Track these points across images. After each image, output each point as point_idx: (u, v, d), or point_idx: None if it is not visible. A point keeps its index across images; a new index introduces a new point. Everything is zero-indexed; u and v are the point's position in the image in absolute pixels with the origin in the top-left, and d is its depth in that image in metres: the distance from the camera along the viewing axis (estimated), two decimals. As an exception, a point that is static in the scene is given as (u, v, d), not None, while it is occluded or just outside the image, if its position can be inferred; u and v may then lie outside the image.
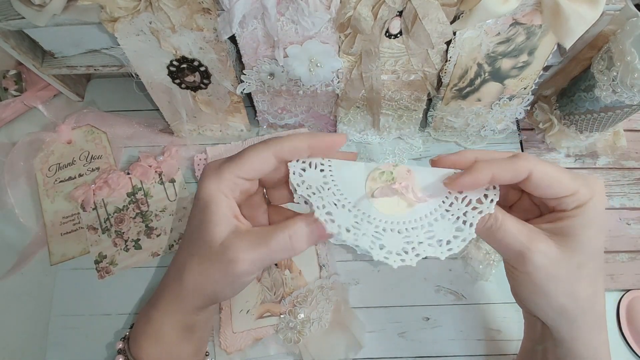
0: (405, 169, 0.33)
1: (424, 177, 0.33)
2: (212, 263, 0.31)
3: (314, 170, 0.33)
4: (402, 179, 0.32)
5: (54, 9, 0.43)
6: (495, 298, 0.51)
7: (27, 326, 0.52)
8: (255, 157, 0.31)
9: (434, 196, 0.32)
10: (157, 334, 0.34)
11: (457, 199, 0.32)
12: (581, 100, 0.51)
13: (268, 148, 0.32)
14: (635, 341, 0.49)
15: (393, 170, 0.33)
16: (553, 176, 0.30)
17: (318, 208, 0.31)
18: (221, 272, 0.31)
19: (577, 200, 0.30)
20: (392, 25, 0.42)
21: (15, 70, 0.61)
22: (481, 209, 0.31)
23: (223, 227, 0.31)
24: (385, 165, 0.33)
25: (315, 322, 0.49)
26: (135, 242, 0.54)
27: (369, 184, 0.33)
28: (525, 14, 0.41)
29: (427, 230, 0.32)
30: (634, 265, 0.53)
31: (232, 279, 0.31)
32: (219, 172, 0.31)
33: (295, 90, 0.51)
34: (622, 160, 0.59)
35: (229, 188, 0.31)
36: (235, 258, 0.30)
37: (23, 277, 0.54)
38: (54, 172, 0.58)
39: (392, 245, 0.31)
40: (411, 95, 0.52)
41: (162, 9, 0.41)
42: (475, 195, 0.32)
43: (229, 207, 0.31)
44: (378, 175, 0.33)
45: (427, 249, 0.31)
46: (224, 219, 0.31)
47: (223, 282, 0.32)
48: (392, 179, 0.33)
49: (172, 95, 0.52)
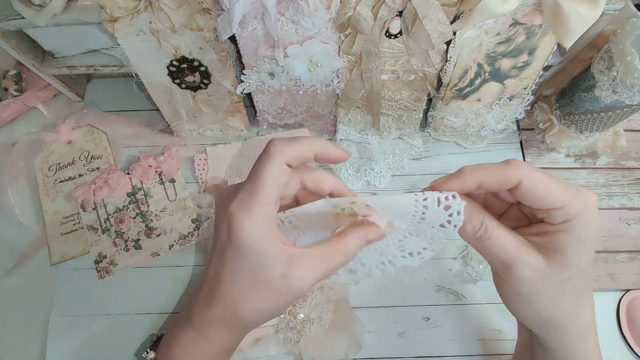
0: (364, 204, 0.32)
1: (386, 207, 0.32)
2: (276, 294, 0.31)
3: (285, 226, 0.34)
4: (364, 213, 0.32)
5: (54, 9, 0.43)
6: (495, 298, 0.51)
7: (27, 326, 0.52)
8: (274, 176, 0.30)
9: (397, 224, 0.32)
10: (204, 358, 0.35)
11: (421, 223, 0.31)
12: (581, 100, 0.51)
13: (279, 159, 0.30)
14: (635, 341, 0.49)
15: (352, 206, 0.32)
16: (543, 186, 0.29)
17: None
18: (287, 299, 0.31)
19: (565, 215, 0.29)
20: (392, 25, 0.42)
21: (15, 70, 0.61)
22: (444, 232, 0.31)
23: (277, 262, 0.30)
24: (342, 202, 0.32)
25: (315, 322, 0.49)
26: (135, 242, 0.54)
27: (335, 219, 0.33)
28: (525, 14, 0.41)
29: (399, 247, 0.34)
30: (634, 265, 0.53)
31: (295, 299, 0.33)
32: (250, 210, 0.30)
33: (295, 90, 0.51)
34: (622, 160, 0.59)
35: (267, 222, 0.30)
36: (301, 286, 0.31)
37: (23, 277, 0.54)
38: (54, 172, 0.58)
39: (371, 262, 0.34)
40: (411, 95, 0.52)
41: (162, 9, 0.41)
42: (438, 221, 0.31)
43: (275, 241, 0.30)
44: (340, 211, 0.33)
45: (401, 261, 0.34)
46: (276, 255, 0.30)
47: (287, 305, 0.33)
48: (354, 213, 0.33)
49: (172, 95, 0.52)
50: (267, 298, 0.31)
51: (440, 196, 0.30)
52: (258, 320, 0.33)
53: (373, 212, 0.32)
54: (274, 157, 0.30)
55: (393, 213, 0.32)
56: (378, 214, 0.32)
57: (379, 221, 0.32)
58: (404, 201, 0.31)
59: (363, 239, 0.32)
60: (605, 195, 0.57)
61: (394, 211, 0.32)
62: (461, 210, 0.30)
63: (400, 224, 0.32)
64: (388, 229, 0.33)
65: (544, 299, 0.30)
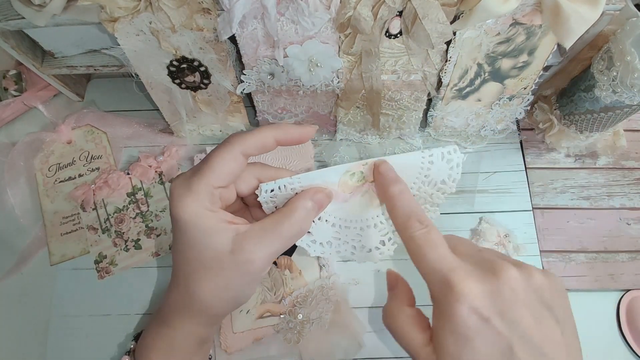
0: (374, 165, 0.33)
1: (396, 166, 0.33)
2: (227, 272, 0.30)
3: (283, 192, 0.32)
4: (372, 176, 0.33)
5: (54, 9, 0.42)
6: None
7: (27, 326, 0.52)
8: (223, 161, 0.30)
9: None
10: (169, 349, 0.34)
11: (424, 183, 0.33)
12: (581, 100, 0.51)
13: (233, 147, 0.30)
14: (635, 341, 0.49)
15: (362, 169, 0.33)
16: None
17: None
18: (240, 277, 0.30)
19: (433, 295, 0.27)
20: (392, 25, 0.42)
21: (15, 70, 0.61)
22: (444, 189, 0.33)
23: (223, 238, 0.30)
24: (354, 166, 0.32)
25: (315, 322, 0.49)
26: (135, 242, 0.54)
27: (341, 189, 0.33)
28: (525, 14, 0.41)
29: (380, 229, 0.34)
30: (634, 265, 0.53)
31: (251, 278, 0.31)
32: (192, 187, 0.30)
33: (295, 90, 0.51)
34: (622, 160, 0.59)
35: (210, 201, 0.30)
36: (252, 258, 0.30)
37: (23, 277, 0.54)
38: (54, 172, 0.58)
39: (371, 242, 0.34)
40: (411, 95, 0.52)
41: (162, 9, 0.41)
42: (439, 177, 0.33)
43: (219, 220, 0.30)
44: (349, 177, 0.33)
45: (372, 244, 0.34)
46: (221, 232, 0.30)
47: (243, 284, 0.31)
48: (363, 179, 0.33)
49: (172, 95, 0.52)
50: (219, 277, 0.30)
51: (443, 151, 0.32)
52: (217, 304, 0.32)
53: None
54: (228, 145, 0.30)
55: (400, 173, 0.32)
56: None
57: None
58: (412, 158, 0.33)
59: (311, 202, 0.31)
60: (605, 195, 0.57)
61: (402, 170, 0.32)
62: (460, 163, 0.32)
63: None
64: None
65: None
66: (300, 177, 0.32)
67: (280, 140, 0.31)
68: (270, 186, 0.32)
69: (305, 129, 0.32)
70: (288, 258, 0.52)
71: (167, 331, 0.34)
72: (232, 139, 0.31)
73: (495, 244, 0.51)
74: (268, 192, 0.32)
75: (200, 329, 0.34)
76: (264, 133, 0.31)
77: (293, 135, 0.32)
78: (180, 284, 0.32)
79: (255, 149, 0.31)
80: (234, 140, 0.30)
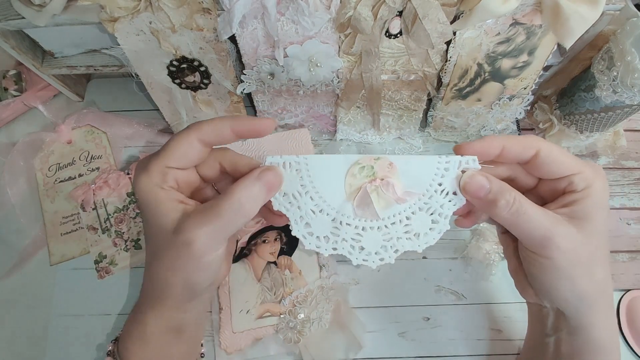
0: (387, 162, 0.32)
1: (407, 168, 0.32)
2: (171, 252, 0.30)
3: (288, 172, 0.32)
4: (383, 174, 0.32)
5: (54, 9, 0.42)
6: (495, 298, 0.51)
7: (27, 326, 0.52)
8: (178, 144, 0.31)
9: (414, 191, 0.32)
10: (143, 335, 0.34)
11: (437, 191, 0.32)
12: (581, 100, 0.51)
13: (189, 134, 0.31)
14: (635, 341, 0.49)
15: (374, 164, 0.32)
16: (559, 154, 0.31)
17: (296, 223, 0.32)
18: (183, 258, 0.30)
19: (585, 180, 0.31)
20: (392, 25, 0.42)
21: (15, 70, 0.61)
22: (455, 201, 0.32)
23: (171, 215, 0.30)
24: (365, 159, 0.32)
25: (315, 322, 0.49)
26: (135, 242, 0.54)
27: (348, 180, 0.32)
28: (525, 14, 0.41)
29: (405, 224, 0.32)
30: (634, 265, 0.53)
31: (196, 262, 0.30)
32: (147, 167, 0.31)
33: (295, 90, 0.51)
34: (622, 160, 0.59)
35: (161, 180, 0.31)
36: (190, 238, 0.29)
37: (23, 277, 0.54)
38: (54, 172, 0.58)
39: (372, 246, 0.32)
40: (411, 95, 0.52)
41: (162, 9, 0.41)
42: (453, 187, 0.32)
43: (168, 197, 0.30)
44: (358, 170, 0.32)
45: (405, 244, 0.32)
46: (168, 208, 0.30)
47: (189, 268, 0.30)
48: (373, 175, 0.32)
49: (172, 95, 0.52)
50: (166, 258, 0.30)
51: (462, 159, 0.31)
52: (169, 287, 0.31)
53: (393, 174, 0.32)
54: (186, 130, 0.31)
55: (413, 176, 0.32)
56: (397, 177, 0.32)
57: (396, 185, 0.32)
58: (427, 161, 0.32)
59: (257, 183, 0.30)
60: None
61: (415, 173, 0.32)
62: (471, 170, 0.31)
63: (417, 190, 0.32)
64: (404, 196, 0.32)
65: (581, 270, 0.31)
66: (307, 158, 0.31)
67: (236, 130, 0.31)
68: (275, 160, 0.31)
69: (263, 121, 0.32)
70: (288, 258, 0.52)
71: (140, 317, 0.34)
72: (191, 126, 0.31)
73: (495, 244, 0.51)
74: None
75: (168, 314, 0.33)
76: (221, 122, 0.31)
77: (249, 127, 0.31)
78: (146, 270, 0.33)
79: (212, 137, 0.31)
80: (192, 127, 0.31)
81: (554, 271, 0.31)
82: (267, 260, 0.52)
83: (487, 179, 0.31)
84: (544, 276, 0.32)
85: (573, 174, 0.31)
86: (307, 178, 0.32)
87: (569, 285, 0.31)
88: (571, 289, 0.31)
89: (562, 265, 0.31)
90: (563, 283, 0.31)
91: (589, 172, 0.31)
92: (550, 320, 0.35)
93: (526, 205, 0.30)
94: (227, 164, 0.34)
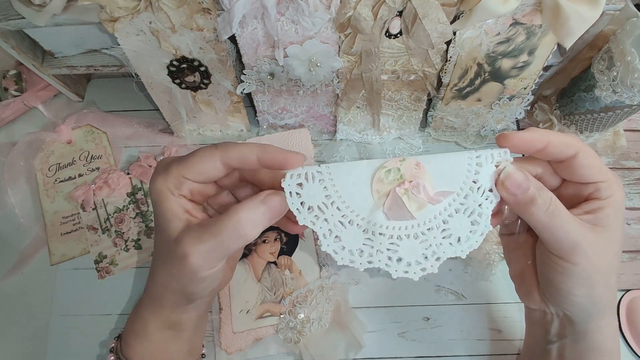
0: (413, 163, 0.30)
1: (436, 167, 0.30)
2: (170, 260, 0.30)
3: (312, 184, 0.30)
4: (411, 176, 0.30)
5: (54, 9, 0.43)
6: (495, 298, 0.51)
7: (27, 326, 0.52)
8: (202, 161, 0.31)
9: (448, 189, 0.30)
10: (143, 332, 0.35)
11: (472, 189, 0.30)
12: (581, 100, 0.51)
13: (214, 153, 0.31)
14: (635, 341, 0.49)
15: (400, 166, 0.30)
16: (594, 159, 0.31)
17: (324, 237, 0.30)
18: (178, 269, 0.30)
19: (609, 188, 0.31)
20: (392, 25, 0.42)
21: (15, 70, 0.61)
22: (492, 198, 0.30)
23: (175, 223, 0.30)
24: (391, 162, 0.30)
25: (315, 322, 0.49)
26: (135, 242, 0.54)
27: (375, 186, 0.30)
28: (525, 14, 0.41)
29: (444, 229, 0.30)
30: (634, 265, 0.53)
31: (190, 276, 0.30)
32: (167, 169, 0.31)
33: (295, 90, 0.51)
34: (622, 160, 0.59)
35: (175, 186, 0.31)
36: (186, 252, 0.29)
37: (23, 277, 0.54)
38: (54, 172, 0.58)
39: (410, 255, 0.30)
40: (411, 95, 0.52)
41: (162, 9, 0.41)
42: (489, 184, 0.30)
43: (177, 204, 0.31)
44: (384, 174, 0.30)
45: (447, 250, 0.30)
46: (175, 215, 0.30)
47: (184, 279, 0.31)
48: (400, 177, 0.30)
49: (172, 95, 0.52)
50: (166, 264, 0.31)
51: (494, 152, 0.30)
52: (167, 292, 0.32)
53: (422, 174, 0.30)
54: (212, 148, 0.31)
55: (444, 175, 0.30)
56: (427, 177, 0.30)
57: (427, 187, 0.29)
58: (457, 158, 0.30)
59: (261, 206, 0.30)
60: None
61: (445, 172, 0.30)
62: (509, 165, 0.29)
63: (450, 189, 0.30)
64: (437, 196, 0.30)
65: (600, 278, 0.31)
66: (330, 167, 0.30)
67: (262, 160, 0.31)
68: (297, 172, 0.30)
69: (292, 155, 0.30)
70: (288, 258, 0.52)
71: (140, 314, 0.35)
72: (219, 145, 0.31)
73: (495, 244, 0.51)
74: (294, 180, 0.30)
75: (167, 313, 0.34)
76: (249, 150, 0.31)
77: (277, 159, 0.30)
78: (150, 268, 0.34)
79: (236, 161, 0.31)
80: (219, 147, 0.31)
81: (575, 277, 0.31)
82: (267, 260, 0.52)
83: (526, 176, 0.30)
84: (564, 281, 0.31)
85: (601, 181, 0.31)
86: (331, 188, 0.30)
87: (587, 291, 0.31)
88: (589, 295, 0.31)
89: (585, 272, 0.30)
90: (582, 289, 0.31)
91: (613, 180, 0.31)
92: (554, 326, 0.35)
93: (560, 208, 0.30)
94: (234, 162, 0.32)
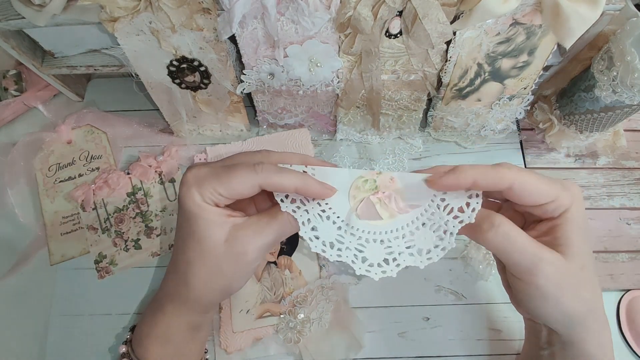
0: (388, 177, 0.33)
1: (408, 184, 0.33)
2: (220, 260, 0.32)
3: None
4: (385, 188, 0.33)
5: (54, 9, 0.42)
6: (495, 298, 0.51)
7: (27, 326, 0.52)
8: (240, 182, 0.32)
9: (416, 204, 0.33)
10: (164, 335, 0.35)
11: (439, 207, 0.32)
12: (581, 100, 0.51)
13: (254, 178, 0.32)
14: (635, 341, 0.49)
15: (376, 178, 0.33)
16: (533, 184, 0.31)
17: (303, 224, 0.33)
18: (234, 266, 0.32)
19: (561, 207, 0.31)
20: (392, 25, 0.42)
21: (15, 70, 0.61)
22: (462, 218, 0.32)
23: (220, 229, 0.32)
24: (368, 173, 0.34)
25: (315, 322, 0.49)
26: (135, 242, 0.54)
27: (352, 192, 0.34)
28: (525, 13, 0.41)
29: (408, 240, 0.33)
30: (634, 265, 0.53)
31: (245, 269, 0.33)
32: (201, 183, 0.32)
33: (295, 90, 0.51)
34: (622, 160, 0.59)
35: (212, 200, 0.32)
36: (245, 250, 0.32)
37: (23, 277, 0.54)
38: (54, 172, 0.58)
39: (374, 257, 0.33)
40: (411, 95, 0.52)
41: (162, 9, 0.41)
42: (457, 204, 0.32)
43: (218, 213, 0.33)
44: (362, 183, 0.33)
45: (407, 259, 0.33)
46: (219, 223, 0.32)
47: (236, 275, 0.33)
48: (376, 188, 0.33)
49: (172, 95, 0.52)
50: (213, 265, 0.32)
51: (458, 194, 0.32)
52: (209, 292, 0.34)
53: (394, 188, 0.33)
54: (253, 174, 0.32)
55: (414, 191, 0.33)
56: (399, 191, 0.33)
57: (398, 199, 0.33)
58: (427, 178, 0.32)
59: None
60: (605, 195, 0.57)
61: (416, 189, 0.33)
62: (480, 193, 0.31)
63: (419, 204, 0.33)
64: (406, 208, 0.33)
65: (568, 293, 0.31)
66: (315, 169, 0.34)
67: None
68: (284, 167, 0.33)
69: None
70: (288, 258, 0.52)
71: (161, 317, 0.35)
72: (260, 169, 0.32)
73: (495, 244, 0.51)
74: None
75: (192, 315, 0.35)
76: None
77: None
78: (178, 271, 0.34)
79: (272, 188, 0.32)
80: (261, 172, 0.32)
81: (538, 296, 0.32)
82: (267, 260, 0.52)
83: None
84: (530, 300, 0.32)
85: (548, 202, 0.31)
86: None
87: (556, 306, 0.32)
88: (559, 310, 0.32)
89: (548, 290, 0.31)
90: (550, 305, 0.32)
91: (563, 197, 0.31)
92: (543, 334, 0.36)
93: (513, 231, 0.31)
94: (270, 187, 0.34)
